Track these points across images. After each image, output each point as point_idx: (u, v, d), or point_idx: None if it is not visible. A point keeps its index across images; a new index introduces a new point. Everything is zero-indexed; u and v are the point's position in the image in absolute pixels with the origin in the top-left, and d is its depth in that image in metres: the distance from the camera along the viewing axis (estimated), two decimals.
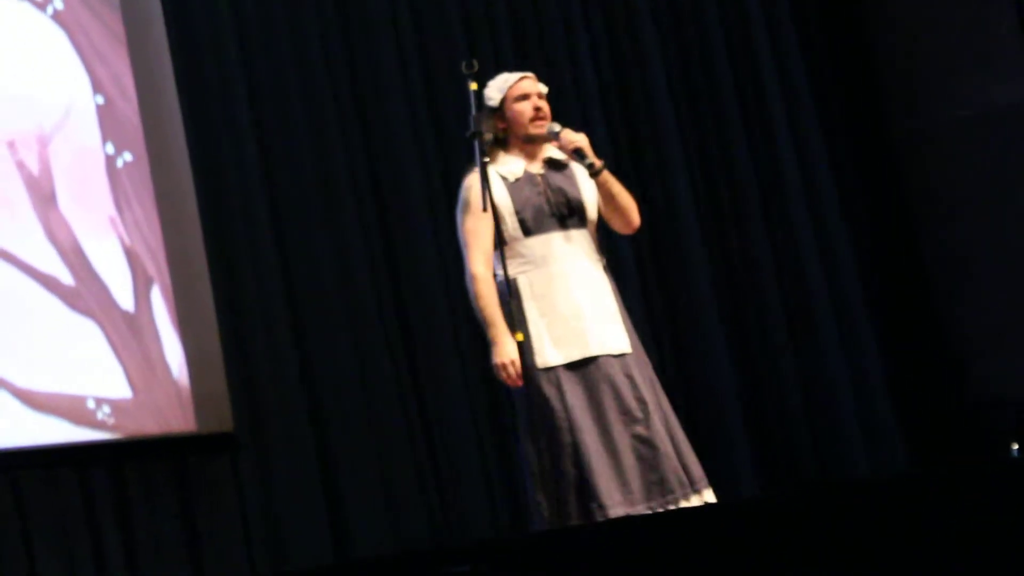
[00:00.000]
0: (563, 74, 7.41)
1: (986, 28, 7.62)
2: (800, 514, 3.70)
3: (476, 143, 4.88)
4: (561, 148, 5.00)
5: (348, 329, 6.63)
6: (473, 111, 4.94)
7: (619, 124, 7.53)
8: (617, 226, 5.08)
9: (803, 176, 7.82)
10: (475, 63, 4.94)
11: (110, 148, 6.24)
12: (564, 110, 7.26)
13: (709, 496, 4.87)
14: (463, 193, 4.99)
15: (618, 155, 7.37)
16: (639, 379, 4.90)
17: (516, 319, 4.81)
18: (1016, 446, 6.67)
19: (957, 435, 7.62)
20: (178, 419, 6.13)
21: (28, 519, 5.74)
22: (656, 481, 4.81)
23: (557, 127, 4.98)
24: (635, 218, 5.04)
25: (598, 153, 5.01)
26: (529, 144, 5.03)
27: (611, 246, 6.99)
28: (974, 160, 7.70)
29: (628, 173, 7.38)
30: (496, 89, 5.04)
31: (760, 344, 7.63)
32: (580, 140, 4.95)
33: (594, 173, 4.94)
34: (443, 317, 6.78)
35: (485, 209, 4.79)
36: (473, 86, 4.98)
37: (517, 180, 4.97)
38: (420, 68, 7.07)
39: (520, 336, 4.75)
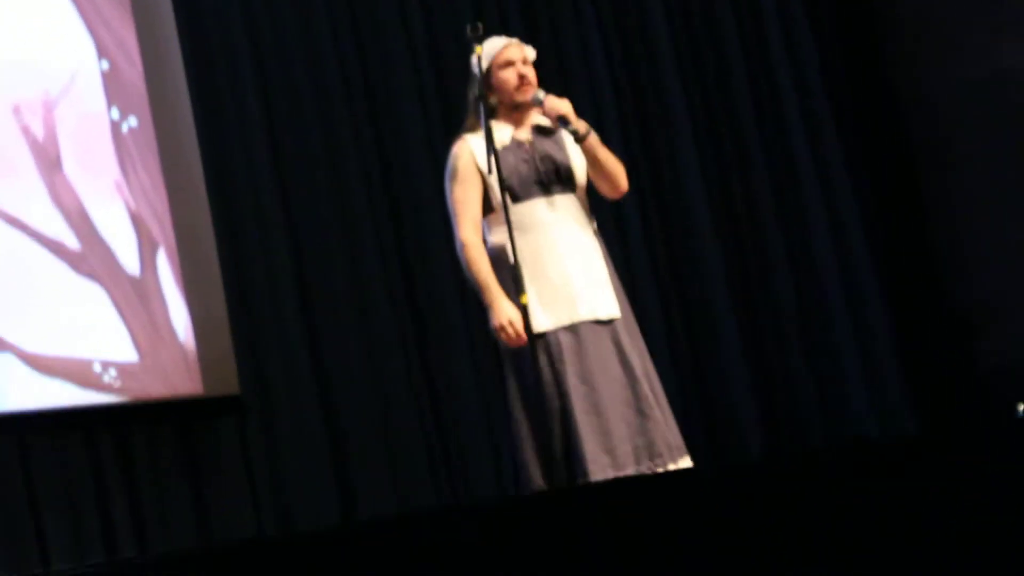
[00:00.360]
0: (576, 72, 7.38)
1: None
2: (795, 477, 3.70)
3: (481, 105, 4.91)
4: (546, 115, 5.00)
5: (353, 289, 6.64)
6: (479, 74, 4.96)
7: (632, 121, 7.46)
8: (605, 191, 5.07)
9: (816, 170, 7.74)
10: (480, 26, 4.97)
11: (115, 113, 6.26)
12: (577, 108, 7.20)
13: (686, 463, 4.88)
14: (451, 161, 5.01)
15: (631, 151, 7.31)
16: (627, 344, 4.90)
17: (510, 285, 4.81)
18: (1022, 407, 6.67)
19: (966, 404, 7.59)
20: (184, 382, 6.17)
21: (35, 481, 5.80)
22: (644, 445, 4.82)
23: (542, 94, 4.98)
24: (622, 183, 5.03)
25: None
26: (516, 111, 5.02)
27: (623, 241, 7.02)
28: (984, 128, 7.64)
29: (641, 168, 7.36)
30: (483, 57, 5.01)
31: (771, 328, 7.54)
32: (563, 107, 4.95)
33: (579, 139, 4.94)
34: (446, 268, 6.77)
35: (490, 171, 4.81)
36: (478, 50, 5.01)
37: (504, 147, 4.96)
38: (430, 61, 7.05)
39: (525, 299, 4.76)
